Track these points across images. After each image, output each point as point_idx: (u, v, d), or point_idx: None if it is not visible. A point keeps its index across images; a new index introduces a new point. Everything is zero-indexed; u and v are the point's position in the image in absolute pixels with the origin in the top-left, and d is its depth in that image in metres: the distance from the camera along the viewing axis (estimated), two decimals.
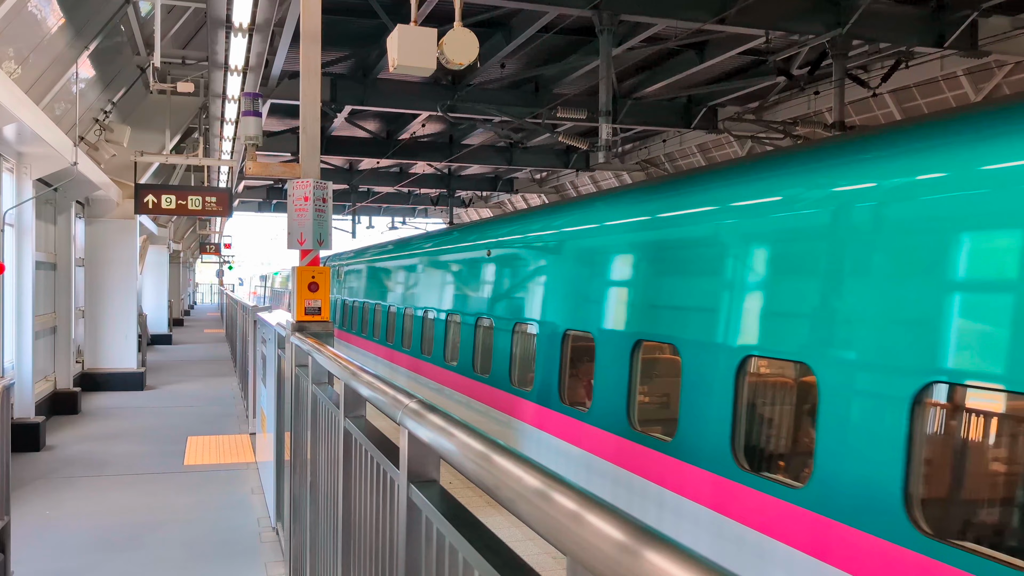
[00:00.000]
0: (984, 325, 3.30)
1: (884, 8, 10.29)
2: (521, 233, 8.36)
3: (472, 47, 6.44)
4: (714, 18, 9.59)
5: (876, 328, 3.77)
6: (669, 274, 5.49)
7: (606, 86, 10.56)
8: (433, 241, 12.17)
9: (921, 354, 3.50)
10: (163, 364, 19.07)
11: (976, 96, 13.04)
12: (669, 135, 19.58)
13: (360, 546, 2.74)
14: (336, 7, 11.05)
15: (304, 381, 4.27)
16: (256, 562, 5.90)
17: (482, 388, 8.88)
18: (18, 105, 7.65)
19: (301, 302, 5.26)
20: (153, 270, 24.99)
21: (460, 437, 1.66)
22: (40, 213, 11.43)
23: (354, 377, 2.81)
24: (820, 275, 4.14)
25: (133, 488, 7.98)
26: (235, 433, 10.71)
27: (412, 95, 14.28)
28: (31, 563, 5.81)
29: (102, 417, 11.99)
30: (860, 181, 4.03)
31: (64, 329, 12.59)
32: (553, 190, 28.36)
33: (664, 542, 0.96)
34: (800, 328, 4.24)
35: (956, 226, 3.46)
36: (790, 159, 4.81)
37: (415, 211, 36.74)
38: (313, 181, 5.53)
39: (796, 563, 4.06)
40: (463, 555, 1.60)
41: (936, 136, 3.84)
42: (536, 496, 1.25)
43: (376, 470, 2.45)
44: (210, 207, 13.80)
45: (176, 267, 34.37)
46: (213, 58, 9.92)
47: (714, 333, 4.86)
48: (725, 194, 5.10)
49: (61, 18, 8.77)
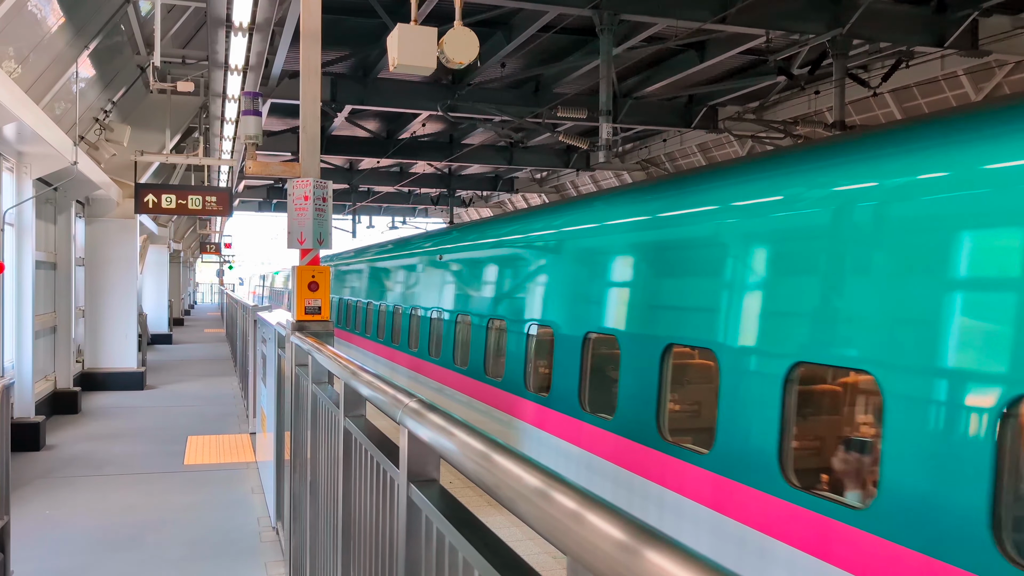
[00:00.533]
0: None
1: (884, 8, 10.29)
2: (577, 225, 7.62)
3: (472, 46, 6.44)
4: (714, 17, 9.59)
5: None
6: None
7: (606, 86, 10.55)
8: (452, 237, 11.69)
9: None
10: (163, 364, 19.07)
11: (976, 96, 13.03)
12: (669, 135, 19.57)
13: (360, 545, 2.74)
14: (336, 6, 11.04)
15: (304, 380, 4.27)
16: (256, 561, 5.90)
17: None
18: (18, 104, 7.65)
19: (301, 301, 5.26)
20: (153, 270, 24.99)
21: (460, 436, 1.66)
22: (40, 213, 11.43)
23: (354, 376, 2.80)
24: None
25: (133, 488, 7.98)
26: (235, 433, 10.71)
27: (412, 94, 14.28)
28: (31, 562, 5.81)
29: (102, 417, 11.99)
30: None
31: (64, 329, 12.59)
32: (553, 190, 28.36)
33: (664, 541, 0.95)
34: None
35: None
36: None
37: (415, 211, 36.74)
38: (313, 180, 5.53)
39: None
40: (463, 555, 1.59)
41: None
42: (536, 495, 1.25)
43: (376, 469, 2.45)
44: (210, 207, 13.79)
45: (176, 267, 34.37)
46: (213, 57, 9.92)
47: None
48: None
49: (61, 17, 8.76)
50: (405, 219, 37.76)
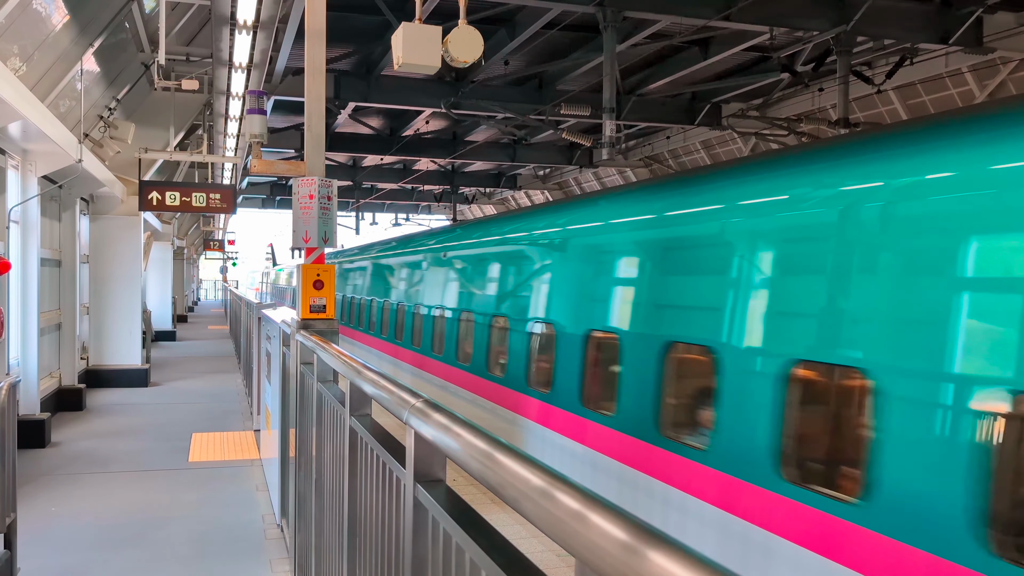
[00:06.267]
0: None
1: (889, 4, 10.26)
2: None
3: (477, 45, 6.44)
4: (718, 15, 9.57)
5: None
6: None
7: (610, 83, 10.54)
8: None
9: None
10: (167, 360, 19.12)
11: (981, 93, 13.00)
12: (673, 132, 19.54)
13: (366, 544, 2.74)
14: (339, 3, 11.03)
15: (309, 379, 4.28)
16: (261, 559, 5.92)
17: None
18: (23, 102, 7.66)
19: (306, 299, 5.27)
20: (157, 266, 25.05)
21: (466, 437, 1.66)
22: (45, 210, 11.45)
23: (359, 375, 2.80)
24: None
25: (138, 484, 8.01)
26: (239, 430, 10.74)
27: (416, 92, 14.27)
28: (37, 559, 5.83)
29: (107, 413, 12.03)
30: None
31: (69, 326, 12.63)
32: (557, 187, 28.35)
33: (668, 542, 0.96)
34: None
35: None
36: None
37: (419, 207, 36.73)
38: (318, 179, 5.54)
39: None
40: (470, 555, 1.60)
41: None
42: (540, 495, 1.26)
43: (382, 469, 2.46)
44: (214, 203, 13.83)
45: (180, 263, 34.42)
46: (217, 55, 9.92)
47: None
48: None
49: (66, 15, 8.78)
50: (408, 216, 37.76)
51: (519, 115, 14.44)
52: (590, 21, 10.81)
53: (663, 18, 10.02)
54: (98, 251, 14.62)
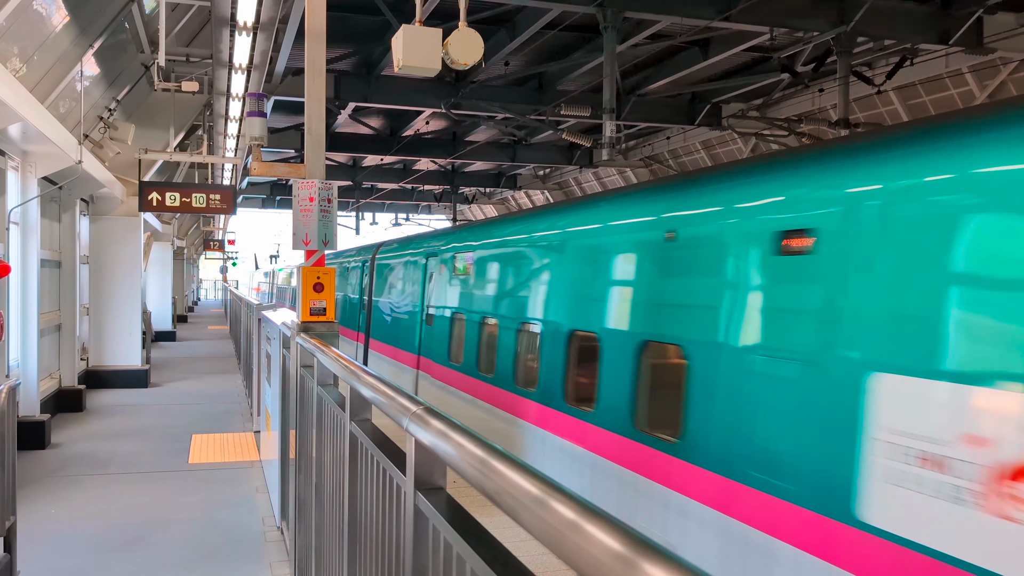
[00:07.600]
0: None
1: (889, 5, 10.26)
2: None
3: (477, 47, 6.43)
4: (719, 15, 9.58)
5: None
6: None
7: (610, 83, 10.54)
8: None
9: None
10: (167, 361, 19.11)
11: (981, 93, 13.00)
12: (673, 132, 19.54)
13: (366, 550, 2.74)
14: (339, 3, 11.03)
15: (309, 382, 4.27)
16: (261, 561, 5.92)
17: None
18: (23, 104, 7.65)
19: (306, 302, 5.27)
20: (157, 267, 25.04)
21: (463, 444, 1.66)
22: (45, 211, 11.45)
23: (359, 380, 2.80)
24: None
25: (138, 486, 8.01)
26: (239, 431, 10.74)
27: (416, 92, 14.28)
28: (36, 562, 5.83)
29: (107, 415, 12.02)
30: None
31: (69, 326, 12.62)
32: (557, 187, 28.36)
33: (661, 553, 0.96)
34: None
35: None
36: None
37: (419, 207, 36.75)
38: (318, 182, 5.54)
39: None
40: (471, 566, 1.60)
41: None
42: (535, 504, 1.26)
43: (382, 475, 2.45)
44: (214, 204, 13.82)
45: (180, 264, 34.42)
46: (217, 56, 9.92)
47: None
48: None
49: (66, 16, 8.77)
50: (408, 216, 37.79)
51: (519, 115, 14.45)
52: (590, 21, 10.81)
53: (663, 18, 10.02)
54: (98, 252, 14.61)
